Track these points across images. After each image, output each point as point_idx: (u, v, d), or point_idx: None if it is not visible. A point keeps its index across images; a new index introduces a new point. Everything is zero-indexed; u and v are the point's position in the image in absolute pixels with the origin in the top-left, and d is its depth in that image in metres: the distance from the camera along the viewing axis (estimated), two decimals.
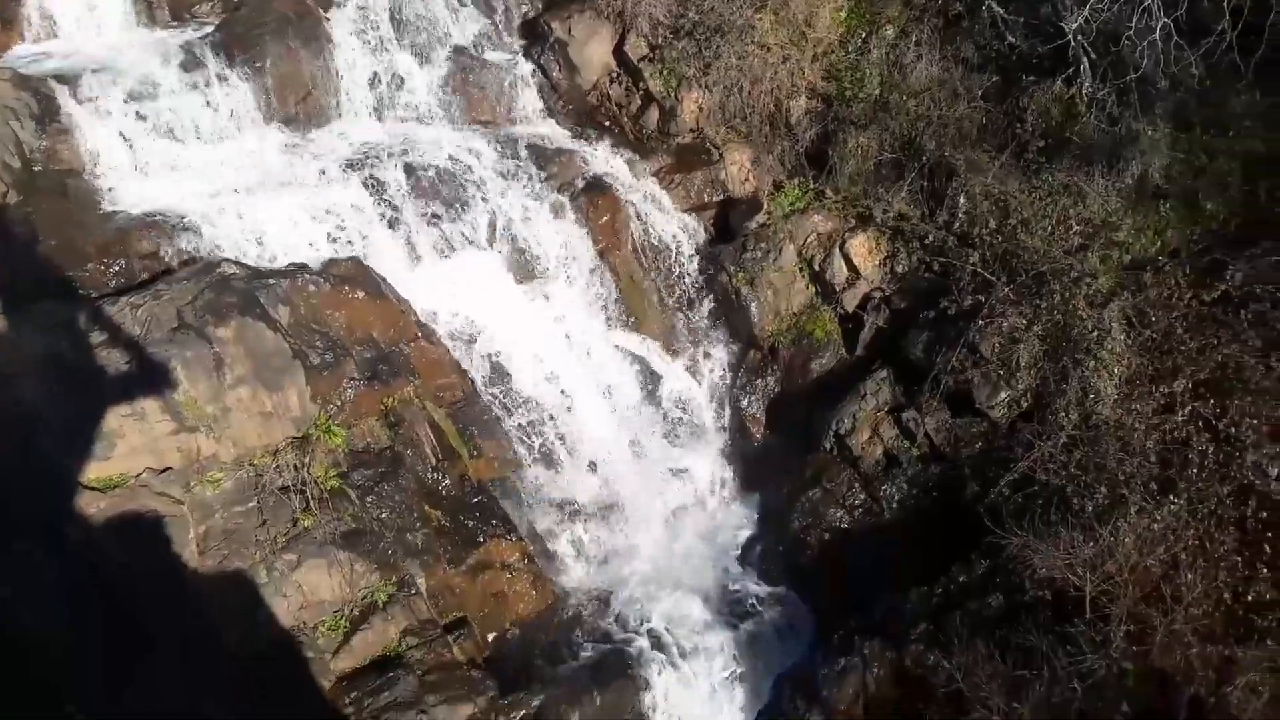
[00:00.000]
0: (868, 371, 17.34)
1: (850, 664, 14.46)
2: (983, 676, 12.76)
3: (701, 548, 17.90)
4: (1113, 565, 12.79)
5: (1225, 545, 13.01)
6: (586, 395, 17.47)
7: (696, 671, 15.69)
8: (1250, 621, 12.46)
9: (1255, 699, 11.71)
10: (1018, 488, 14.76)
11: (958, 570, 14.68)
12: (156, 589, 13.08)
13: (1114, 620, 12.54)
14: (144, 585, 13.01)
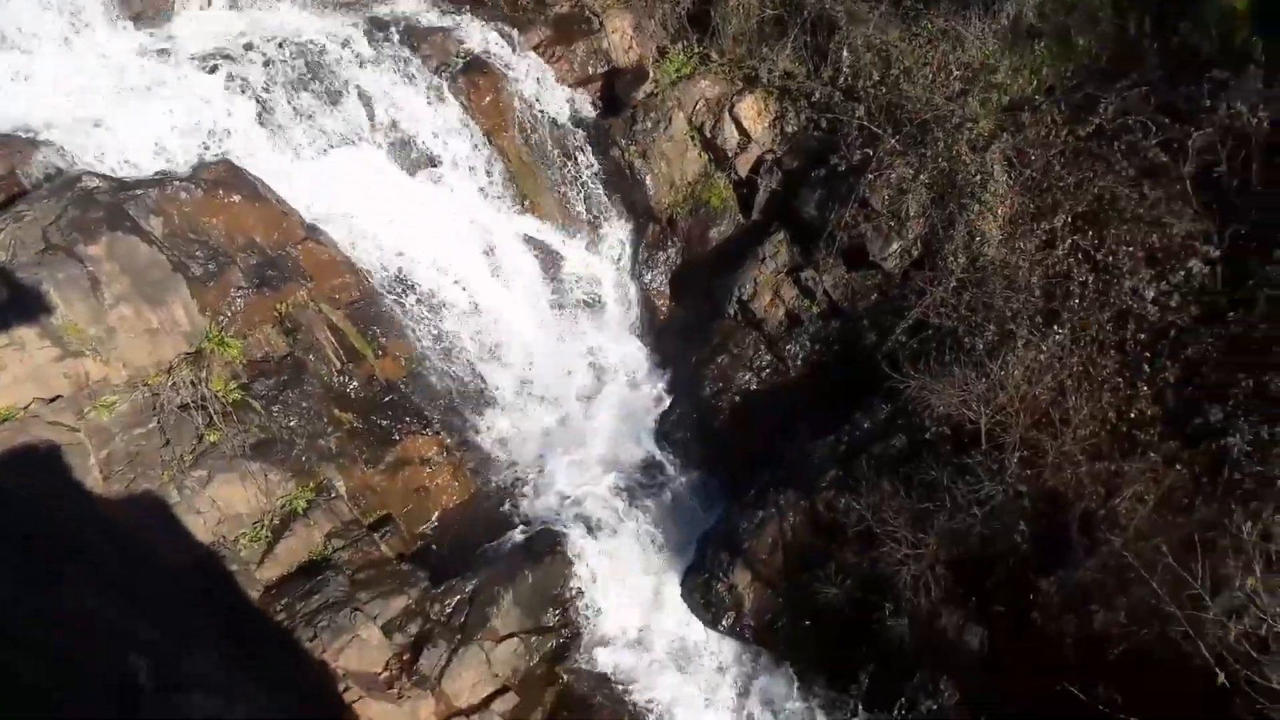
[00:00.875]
0: (765, 235, 17.50)
1: (767, 516, 15.16)
2: (890, 513, 13.51)
3: (618, 423, 18.14)
4: (1004, 397, 13.48)
5: (1107, 368, 13.82)
6: (487, 283, 17.19)
7: (622, 541, 16.17)
8: (1133, 437, 13.35)
9: (1141, 508, 12.66)
10: (913, 333, 15.33)
11: (861, 417, 15.34)
12: (73, 512, 12.71)
13: (1008, 448, 13.32)
14: (60, 510, 12.61)
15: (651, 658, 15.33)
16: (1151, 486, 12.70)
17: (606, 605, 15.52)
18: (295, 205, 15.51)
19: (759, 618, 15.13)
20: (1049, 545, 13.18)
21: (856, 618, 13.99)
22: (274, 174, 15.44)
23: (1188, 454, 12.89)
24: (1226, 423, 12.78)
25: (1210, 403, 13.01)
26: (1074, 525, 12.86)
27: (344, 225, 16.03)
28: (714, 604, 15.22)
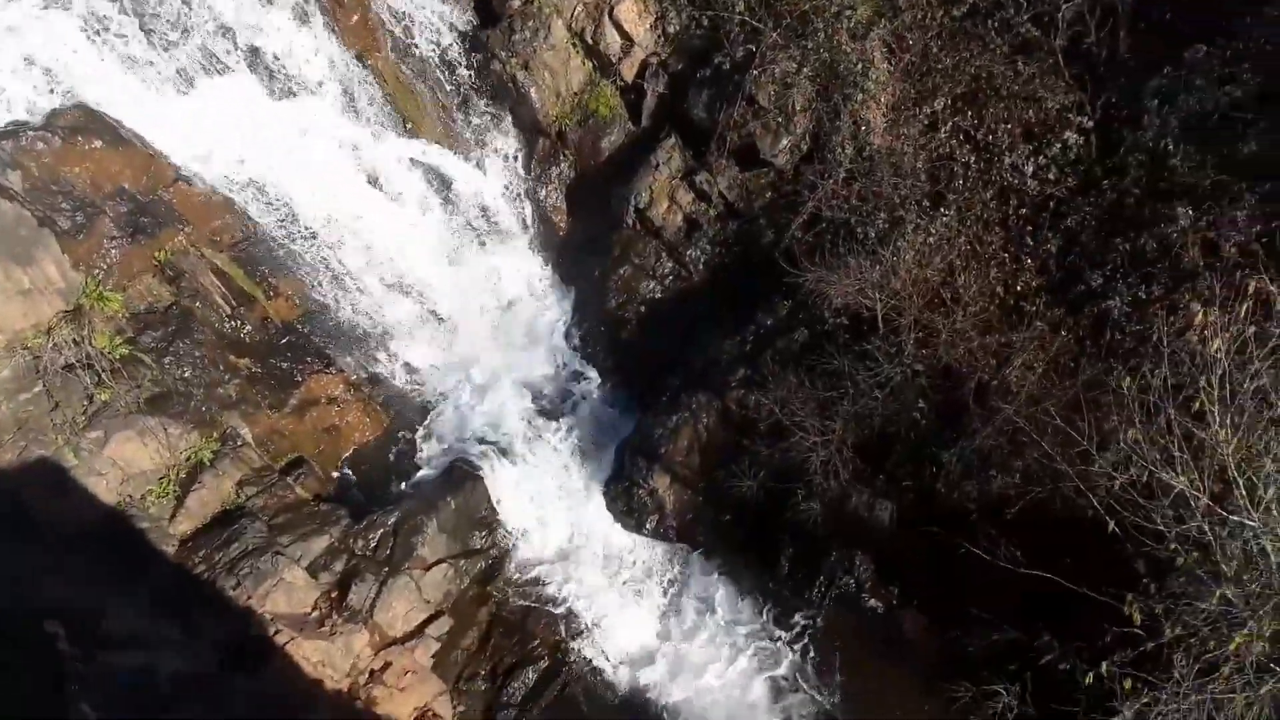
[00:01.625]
0: (656, 141, 17.28)
1: (681, 419, 15.44)
2: (797, 404, 13.90)
3: (527, 343, 18.11)
4: (897, 282, 13.86)
5: (993, 245, 14.29)
6: (377, 212, 16.62)
7: (540, 458, 16.30)
8: (1020, 309, 13.91)
9: (1030, 375, 13.27)
10: (808, 228, 15.51)
11: (764, 315, 15.59)
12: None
13: (904, 331, 13.75)
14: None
15: (580, 567, 15.66)
16: (1039, 354, 13.30)
17: (531, 522, 15.74)
18: (166, 147, 14.66)
19: (681, 518, 15.53)
20: (947, 419, 13.77)
21: (772, 507, 14.49)
22: (137, 116, 14.50)
23: (1072, 320, 13.51)
24: (1106, 287, 13.39)
25: (1091, 269, 13.59)
26: (969, 398, 13.43)
27: (219, 163, 15.24)
28: (636, 509, 15.54)
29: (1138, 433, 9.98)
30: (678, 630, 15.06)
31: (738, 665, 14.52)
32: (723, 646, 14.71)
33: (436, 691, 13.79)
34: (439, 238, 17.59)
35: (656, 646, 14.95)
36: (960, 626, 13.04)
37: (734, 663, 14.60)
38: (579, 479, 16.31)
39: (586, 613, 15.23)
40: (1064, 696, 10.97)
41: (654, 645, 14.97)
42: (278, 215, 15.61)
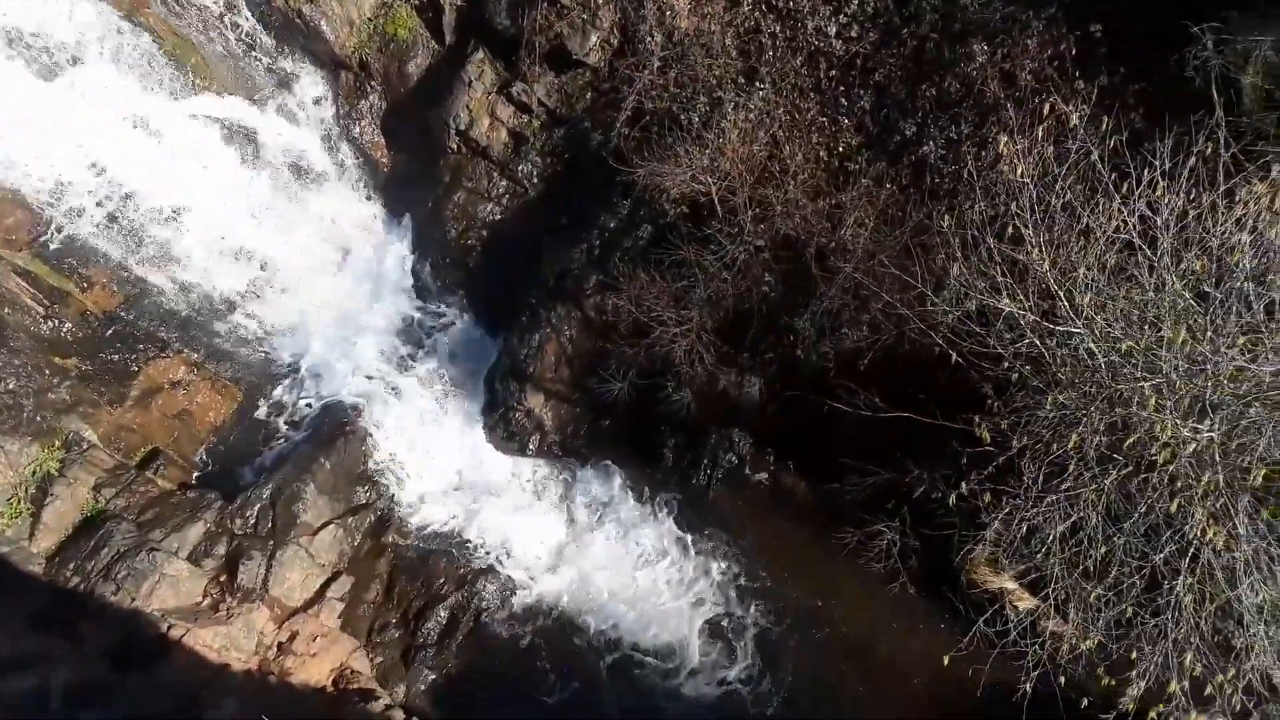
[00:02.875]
0: (465, 57, 16.69)
1: (543, 336, 15.41)
2: (652, 299, 14.03)
3: (373, 288, 17.57)
4: (726, 163, 13.99)
5: (810, 111, 14.55)
6: (182, 178, 15.63)
7: (410, 400, 16.07)
8: (845, 169, 14.33)
9: (863, 232, 13.73)
10: (633, 123, 15.41)
11: (606, 217, 15.54)
12: None
13: (740, 210, 13.96)
14: None
15: (471, 500, 15.66)
16: (869, 209, 13.75)
17: (413, 466, 15.57)
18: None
19: (562, 431, 15.66)
20: (795, 287, 14.19)
21: (646, 403, 14.75)
22: None
23: (894, 171, 14.01)
24: (920, 133, 13.90)
25: (903, 119, 14.05)
26: (811, 263, 13.84)
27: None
28: (517, 433, 15.57)
29: (963, 267, 10.56)
30: (577, 539, 15.33)
31: (639, 559, 14.93)
32: (622, 544, 15.07)
33: (350, 649, 13.72)
34: (255, 195, 16.69)
35: (560, 559, 15.19)
36: (837, 479, 13.70)
37: (636, 557, 15.00)
38: (454, 414, 16.19)
39: (486, 542, 15.31)
40: (940, 522, 11.78)
41: (557, 558, 15.21)
42: (74, 201, 14.48)
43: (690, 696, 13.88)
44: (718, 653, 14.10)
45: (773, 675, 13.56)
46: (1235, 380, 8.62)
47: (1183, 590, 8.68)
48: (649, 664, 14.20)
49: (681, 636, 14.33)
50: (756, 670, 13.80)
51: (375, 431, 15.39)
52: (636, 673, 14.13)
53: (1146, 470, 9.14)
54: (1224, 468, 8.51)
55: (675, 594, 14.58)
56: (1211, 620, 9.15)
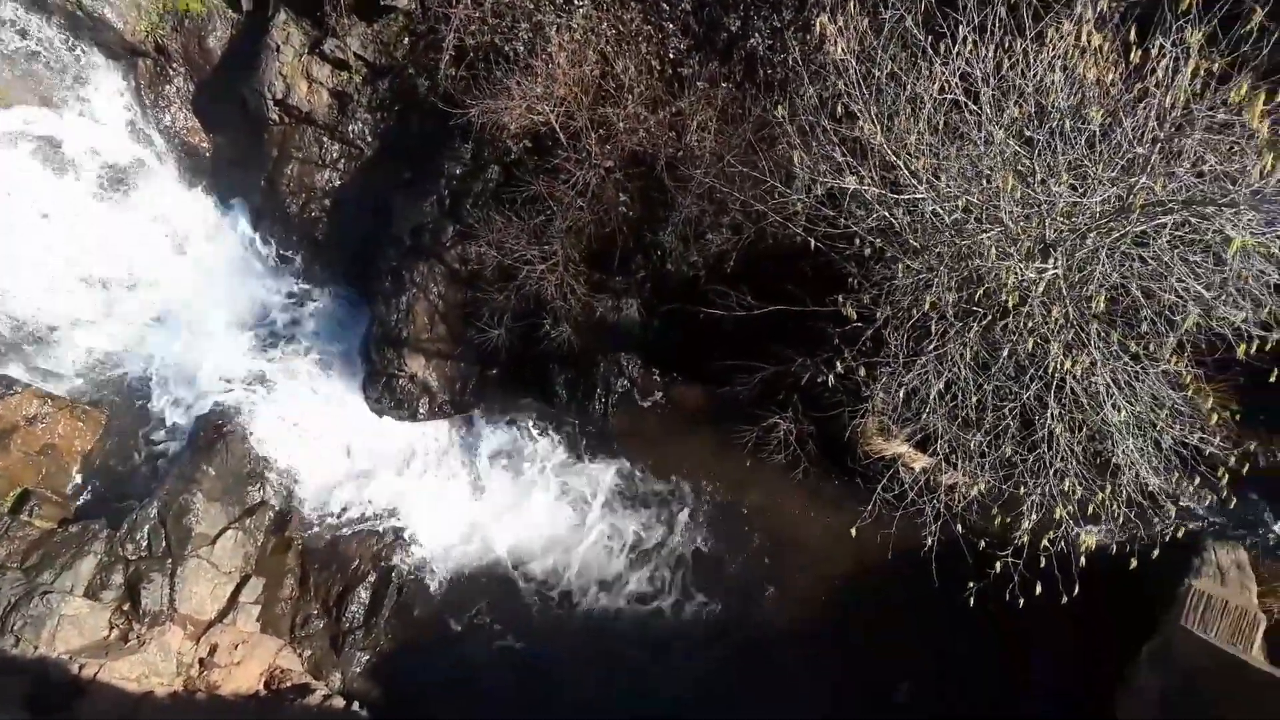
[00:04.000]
0: (267, 22, 15.72)
1: (411, 297, 15.03)
2: (512, 240, 13.80)
3: (224, 280, 16.68)
4: (560, 88, 13.69)
5: (634, 21, 14.25)
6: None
7: (285, 389, 15.54)
8: (679, 75, 14.18)
9: (707, 136, 13.69)
10: (458, 63, 14.82)
11: (450, 165, 15.11)
12: None
13: (583, 133, 13.74)
14: None
15: (371, 475, 15.34)
16: (709, 112, 13.69)
17: (302, 454, 15.13)
18: None
19: (450, 389, 15.42)
20: (652, 203, 14.15)
21: (528, 344, 14.63)
22: None
23: (726, 69, 13.95)
24: (745, 27, 13.83)
25: (727, 14, 13.94)
26: (664, 175, 13.78)
27: None
28: (404, 400, 15.26)
29: (803, 154, 10.67)
30: (487, 491, 15.22)
31: (553, 498, 14.95)
32: (532, 487, 15.05)
33: (275, 649, 13.46)
34: (75, 208, 15.58)
35: (472, 514, 15.07)
36: (727, 382, 13.93)
37: (549, 497, 15.01)
38: (335, 392, 15.73)
39: (395, 514, 15.07)
40: (828, 404, 12.13)
41: (470, 514, 15.08)
42: None
43: (627, 624, 14.10)
44: (648, 576, 14.33)
45: (704, 586, 13.91)
46: (1070, 216, 9.02)
47: (1053, 422, 9.17)
48: (582, 601, 14.34)
49: (608, 567, 14.50)
50: (689, 583, 14.10)
51: (254, 426, 14.86)
52: (570, 611, 14.27)
53: (1004, 317, 9.56)
54: (1070, 300, 8.95)
55: (593, 526, 14.70)
56: (1084, 445, 9.75)
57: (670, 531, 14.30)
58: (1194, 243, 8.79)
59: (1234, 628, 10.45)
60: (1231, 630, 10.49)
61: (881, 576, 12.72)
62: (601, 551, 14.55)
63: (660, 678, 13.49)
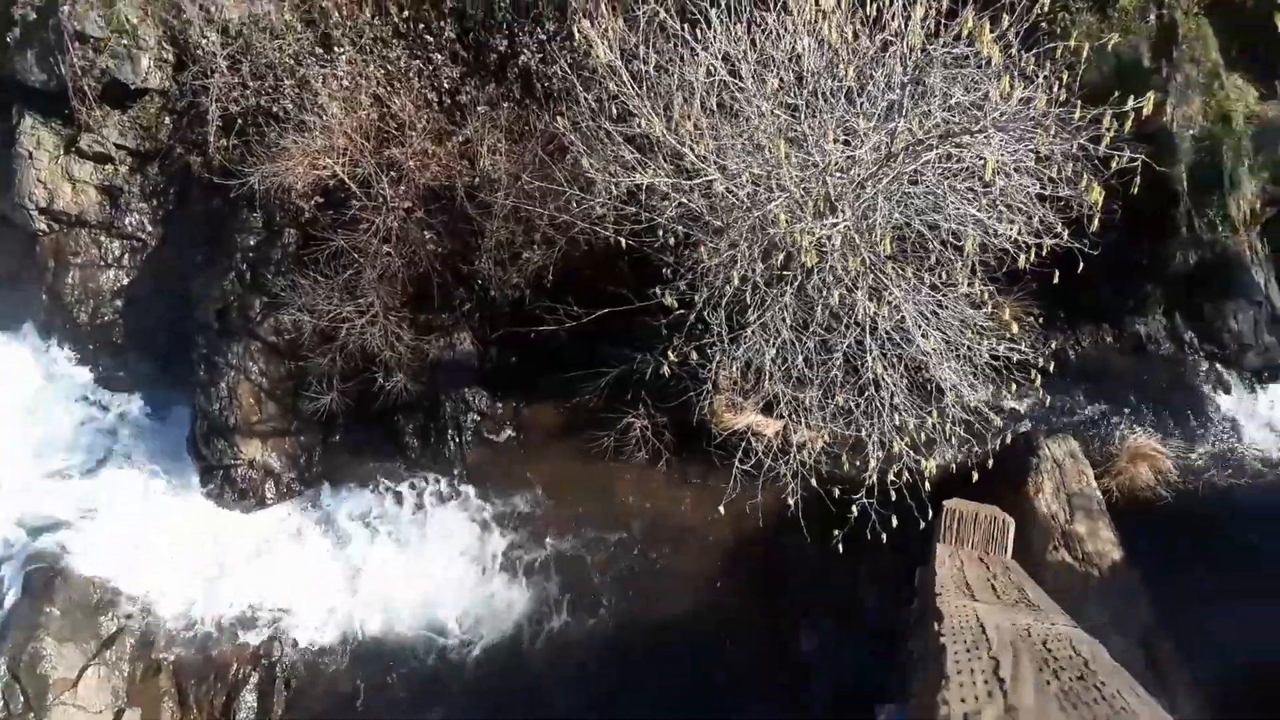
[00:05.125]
0: (13, 130, 14.65)
1: (231, 381, 14.37)
2: (323, 298, 13.40)
3: (22, 413, 15.43)
4: (339, 138, 13.41)
5: (401, 58, 14.07)
6: None
7: (117, 505, 14.55)
8: (458, 103, 14.10)
9: (499, 157, 13.66)
10: (227, 132, 14.33)
11: (243, 238, 14.55)
12: None
13: (373, 179, 13.47)
14: None
15: (231, 575, 14.52)
16: (496, 134, 13.68)
17: (152, 570, 14.19)
18: None
19: (295, 466, 14.82)
20: (460, 234, 14.02)
21: (367, 401, 14.25)
22: None
23: (503, 88, 14.00)
24: (512, 44, 13.91)
25: (492, 35, 13.98)
26: (465, 205, 13.69)
27: None
28: (247, 489, 14.55)
29: (591, 160, 10.84)
30: (356, 559, 14.66)
31: (426, 549, 14.58)
32: (404, 543, 14.63)
33: None
34: None
35: (346, 586, 14.52)
36: (574, 394, 14.00)
37: (423, 549, 14.63)
38: (171, 499, 14.80)
39: (265, 607, 14.32)
40: (674, 392, 12.37)
41: (343, 586, 14.50)
42: None
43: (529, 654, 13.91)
44: (537, 598, 14.19)
45: (593, 594, 13.86)
46: (845, 170, 9.50)
47: (874, 364, 9.64)
48: (479, 642, 14.06)
49: (495, 600, 14.27)
50: (578, 596, 14.04)
51: (90, 554, 13.83)
52: (469, 655, 13.99)
53: (809, 276, 9.98)
54: (865, 247, 9.44)
55: (472, 566, 14.43)
56: (908, 377, 10.30)
57: (549, 551, 14.21)
58: (959, 172, 9.43)
59: (986, 537, 10.98)
60: (985, 540, 10.98)
61: (760, 544, 13.04)
62: (486, 587, 14.30)
63: (577, 694, 13.39)
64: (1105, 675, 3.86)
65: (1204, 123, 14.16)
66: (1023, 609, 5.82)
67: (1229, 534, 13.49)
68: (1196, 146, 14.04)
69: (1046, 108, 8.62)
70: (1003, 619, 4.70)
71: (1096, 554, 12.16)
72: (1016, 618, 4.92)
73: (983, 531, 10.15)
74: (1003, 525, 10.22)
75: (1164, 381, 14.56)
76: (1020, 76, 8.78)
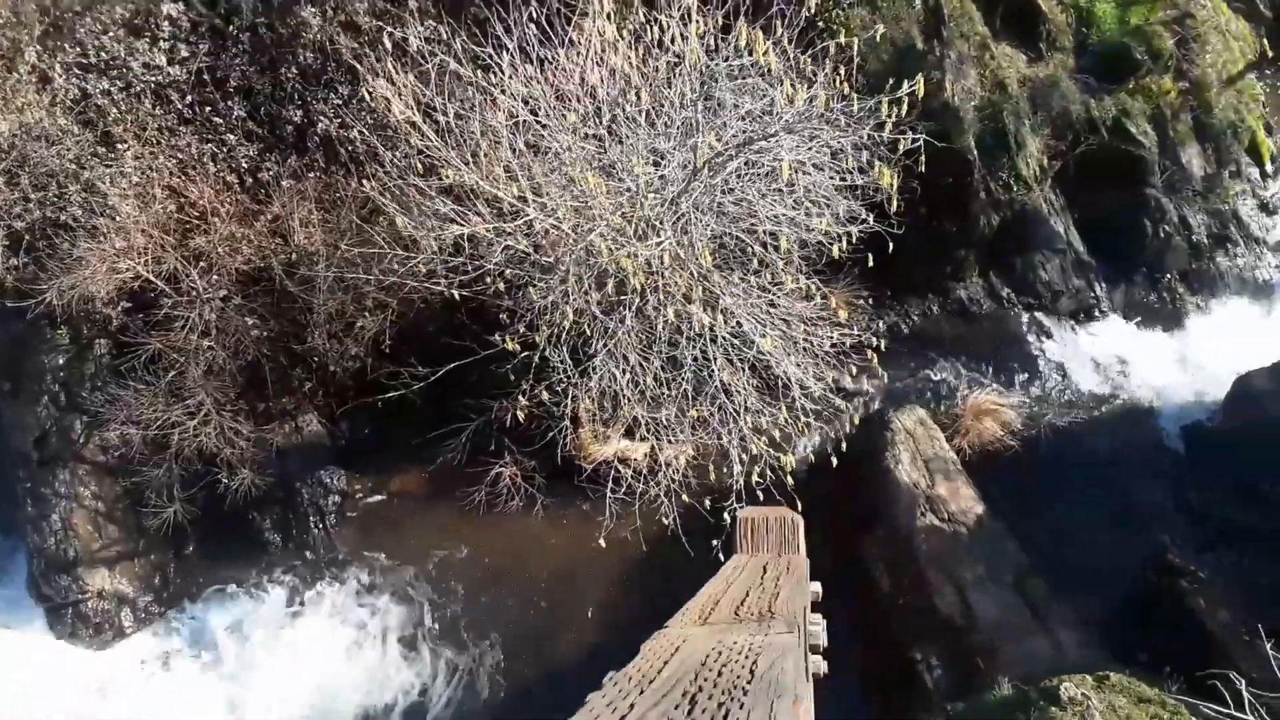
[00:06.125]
0: None
1: (64, 511, 13.37)
2: (148, 407, 12.60)
3: None
4: (138, 237, 12.70)
5: (191, 144, 13.45)
6: None
7: None
8: (261, 182, 13.54)
9: (314, 230, 13.16)
10: (15, 251, 13.28)
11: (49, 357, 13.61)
12: None
13: (182, 273, 12.80)
14: None
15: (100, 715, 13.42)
16: (307, 206, 13.24)
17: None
18: None
19: (150, 588, 13.84)
20: (285, 314, 13.52)
21: (216, 505, 13.49)
22: None
23: (306, 158, 13.62)
24: (307, 113, 13.57)
25: (285, 107, 13.60)
26: (286, 283, 13.20)
27: None
28: (102, 622, 13.48)
29: (405, 219, 10.64)
30: (234, 670, 13.75)
31: (304, 643, 13.83)
32: (280, 644, 13.82)
33: None
34: None
35: (231, 699, 13.63)
36: (437, 454, 13.68)
37: (302, 643, 13.88)
38: (18, 651, 13.53)
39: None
40: (536, 434, 12.22)
41: (228, 701, 13.62)
42: None
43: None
44: (435, 670, 13.71)
45: (489, 658, 13.49)
46: (659, 191, 9.65)
47: (719, 372, 9.80)
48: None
49: (398, 683, 13.72)
50: (478, 662, 13.64)
51: None
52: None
53: (644, 298, 10.07)
54: (690, 261, 9.61)
55: (364, 652, 13.80)
56: (757, 380, 10.52)
57: (438, 617, 13.76)
58: (764, 176, 9.74)
59: (780, 539, 10.46)
60: (779, 543, 10.30)
61: (646, 565, 13.03)
62: (380, 670, 13.71)
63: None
64: (752, 694, 3.94)
65: (983, 93, 15.19)
66: (746, 624, 5.86)
67: (1075, 468, 14.42)
68: (980, 116, 15.04)
69: (829, 105, 9.00)
70: (703, 645, 4.79)
71: (960, 512, 12.74)
72: (724, 638, 5.01)
73: (775, 535, 10.25)
74: (793, 525, 10.29)
75: (992, 338, 15.47)
76: (801, 78, 9.14)
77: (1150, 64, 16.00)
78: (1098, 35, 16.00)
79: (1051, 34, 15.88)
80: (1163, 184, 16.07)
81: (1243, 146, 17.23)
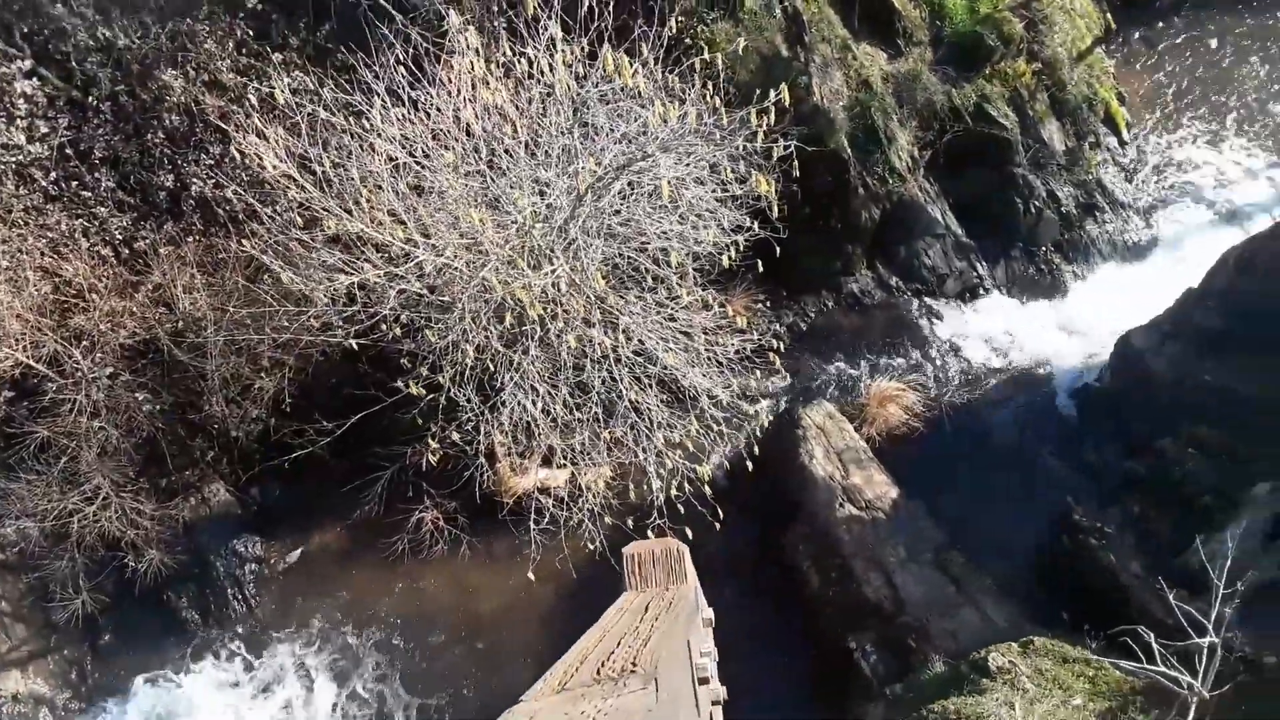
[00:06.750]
0: None
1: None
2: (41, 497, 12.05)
3: None
4: (11, 322, 12.11)
5: (61, 221, 12.90)
6: None
7: None
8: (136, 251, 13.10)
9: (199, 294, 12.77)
10: None
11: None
12: None
13: (63, 355, 12.29)
14: None
15: None
16: (189, 272, 12.86)
17: None
18: None
19: (67, 684, 13.17)
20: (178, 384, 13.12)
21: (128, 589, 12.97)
22: None
23: (184, 223, 13.26)
24: (179, 176, 13.22)
25: (154, 173, 13.22)
26: (175, 353, 12.81)
27: None
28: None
29: (291, 273, 10.44)
30: None
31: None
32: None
33: None
34: None
35: None
36: (353, 507, 13.44)
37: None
38: None
39: None
40: (455, 476, 12.06)
41: None
42: None
43: None
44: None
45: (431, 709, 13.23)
46: (547, 219, 9.70)
47: (627, 391, 9.89)
48: None
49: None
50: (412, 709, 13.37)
51: None
52: None
53: (544, 327, 10.09)
54: (584, 286, 9.68)
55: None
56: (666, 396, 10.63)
57: (373, 674, 13.44)
58: (649, 195, 9.89)
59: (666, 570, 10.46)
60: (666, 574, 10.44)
61: (578, 590, 13.00)
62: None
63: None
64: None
65: (850, 93, 15.69)
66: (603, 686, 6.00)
67: (978, 442, 14.97)
68: (850, 115, 15.53)
69: (701, 120, 9.22)
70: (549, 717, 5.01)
71: (877, 498, 13.09)
72: (572, 710, 5.22)
73: (662, 567, 10.27)
74: (678, 554, 10.31)
75: (887, 326, 15.98)
76: (671, 97, 9.33)
77: (1003, 49, 16.74)
78: (951, 27, 16.68)
79: (908, 30, 16.49)
80: (1028, 162, 16.82)
81: (1099, 118, 18.13)
